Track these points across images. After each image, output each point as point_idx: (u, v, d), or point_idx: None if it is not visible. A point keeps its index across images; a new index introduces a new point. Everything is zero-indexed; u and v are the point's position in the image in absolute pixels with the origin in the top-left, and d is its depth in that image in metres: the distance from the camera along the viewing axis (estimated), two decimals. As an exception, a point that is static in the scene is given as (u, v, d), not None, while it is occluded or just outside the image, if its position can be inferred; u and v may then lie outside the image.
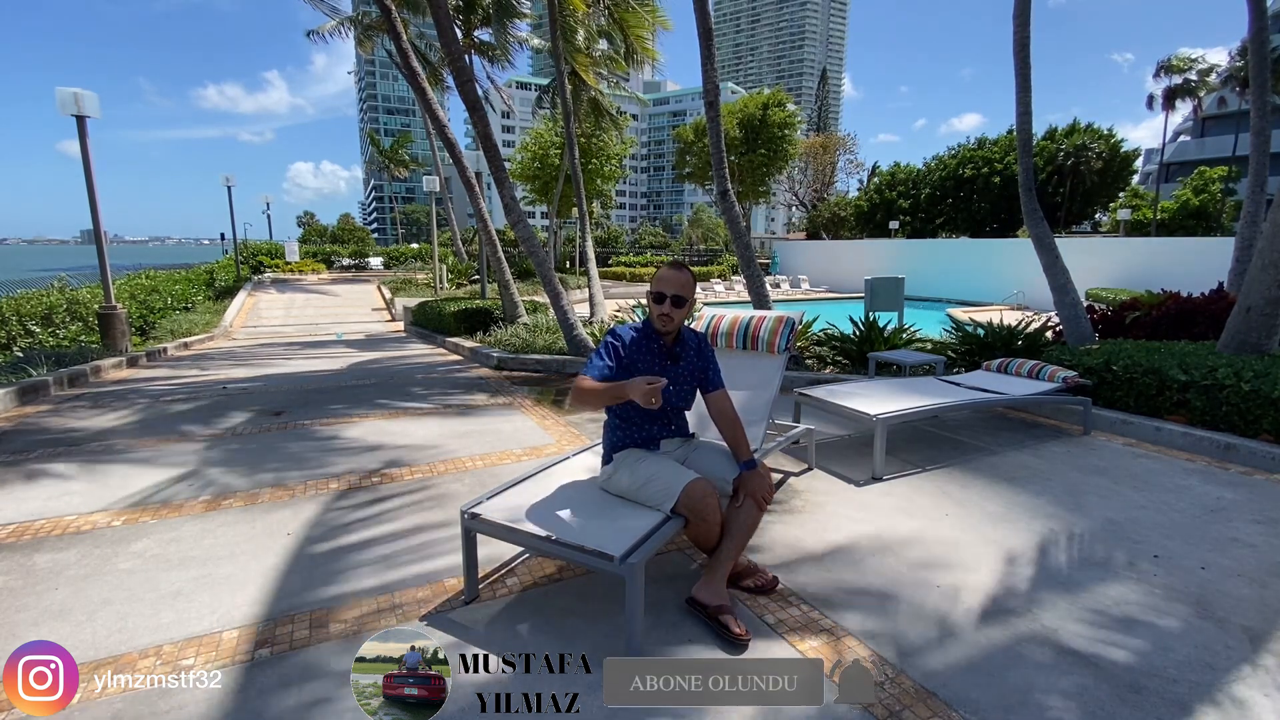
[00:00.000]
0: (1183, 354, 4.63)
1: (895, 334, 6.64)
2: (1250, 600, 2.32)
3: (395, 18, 9.26)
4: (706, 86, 6.83)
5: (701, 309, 4.04)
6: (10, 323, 8.07)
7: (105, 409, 5.35)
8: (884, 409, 3.70)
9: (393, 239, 63.37)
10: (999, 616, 2.21)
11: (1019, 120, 6.41)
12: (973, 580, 2.46)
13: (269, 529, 2.94)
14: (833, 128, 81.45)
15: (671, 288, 2.33)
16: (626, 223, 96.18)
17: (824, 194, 45.04)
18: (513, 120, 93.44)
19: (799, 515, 3.08)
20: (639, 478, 2.30)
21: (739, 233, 7.20)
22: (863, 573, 2.52)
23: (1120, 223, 31.93)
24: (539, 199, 29.49)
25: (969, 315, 13.64)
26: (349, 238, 50.17)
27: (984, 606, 2.28)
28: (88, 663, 1.97)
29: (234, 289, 18.69)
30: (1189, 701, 1.80)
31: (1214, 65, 33.18)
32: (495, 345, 8.07)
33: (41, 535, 2.90)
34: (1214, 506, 3.17)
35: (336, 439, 4.40)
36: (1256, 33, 6.71)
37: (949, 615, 2.22)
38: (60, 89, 7.20)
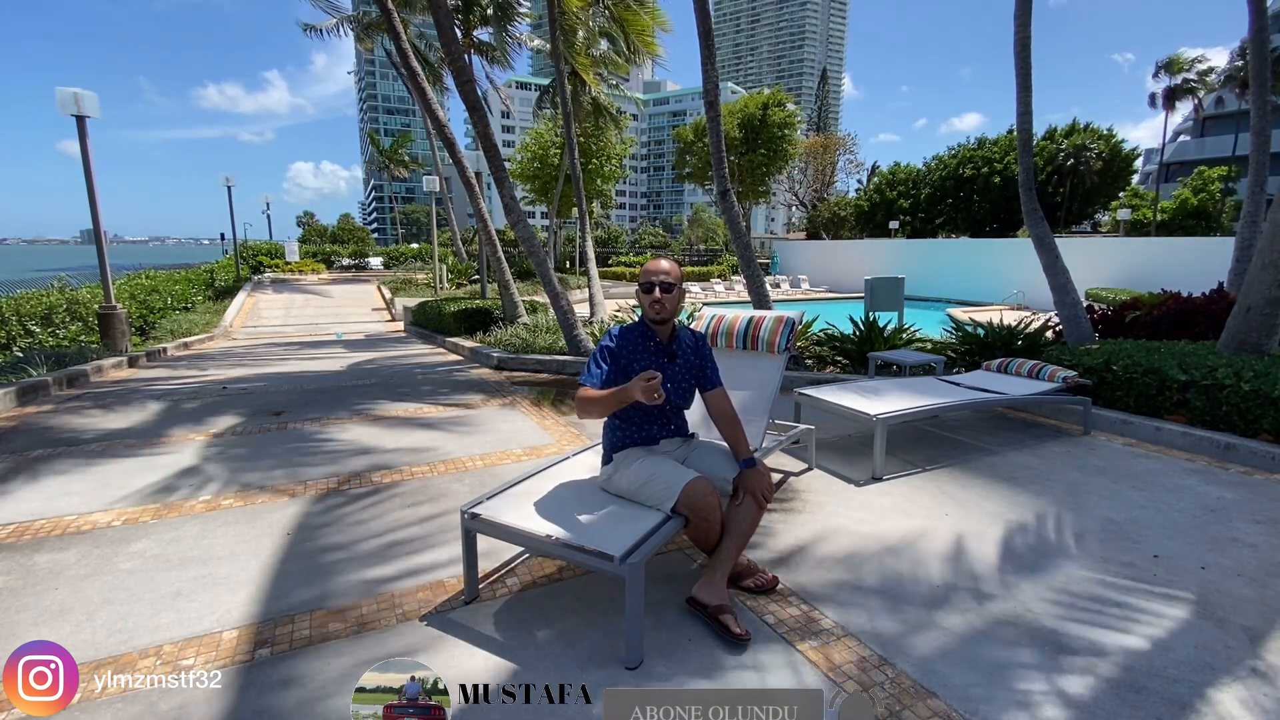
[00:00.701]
0: (1183, 354, 4.63)
1: (895, 334, 6.64)
2: (1250, 600, 2.32)
3: (395, 18, 9.26)
4: (706, 86, 6.83)
5: (701, 309, 4.04)
6: (10, 323, 8.06)
7: (105, 409, 5.35)
8: (884, 409, 3.70)
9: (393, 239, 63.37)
10: (999, 616, 2.21)
11: (1019, 120, 6.41)
12: (973, 580, 2.46)
13: (269, 529, 2.94)
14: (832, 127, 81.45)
15: (657, 275, 2.36)
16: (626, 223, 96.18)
17: (824, 194, 45.03)
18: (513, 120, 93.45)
19: (799, 515, 3.08)
20: (639, 477, 2.30)
21: (739, 233, 7.20)
22: (863, 572, 2.52)
23: (1120, 223, 31.93)
24: (539, 199, 29.49)
25: (969, 315, 13.64)
26: (349, 238, 50.17)
27: (984, 606, 2.28)
28: (88, 663, 1.97)
29: (234, 289, 18.70)
30: (1189, 701, 1.80)
31: (1214, 65, 33.20)
32: (495, 345, 8.07)
33: (41, 535, 2.90)
34: (1214, 506, 3.17)
35: (336, 439, 4.40)
36: (1256, 33, 6.71)
37: (949, 615, 2.22)
38: (60, 89, 7.20)
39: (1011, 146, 33.06)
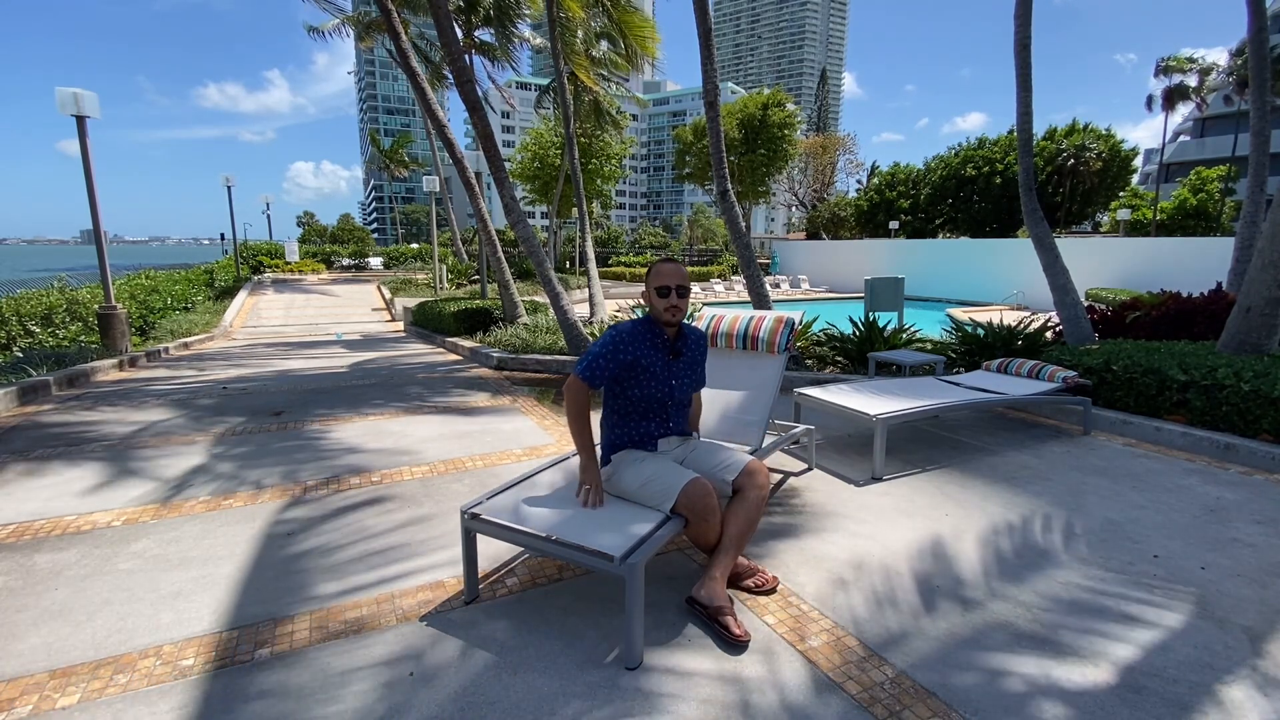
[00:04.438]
0: (1182, 354, 4.63)
1: (895, 334, 6.64)
2: (1250, 600, 2.32)
3: (395, 18, 9.26)
4: (706, 87, 6.83)
5: (701, 309, 4.04)
6: (10, 323, 8.07)
7: (105, 409, 5.35)
8: (884, 409, 3.70)
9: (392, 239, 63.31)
10: (999, 616, 2.22)
11: (1019, 120, 6.42)
12: (972, 580, 2.46)
13: (268, 528, 2.94)
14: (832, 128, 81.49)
15: (675, 280, 2.41)
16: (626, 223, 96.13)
17: (824, 194, 45.01)
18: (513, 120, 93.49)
19: (799, 515, 3.08)
20: (638, 478, 2.31)
21: (739, 233, 7.19)
22: (863, 573, 2.52)
23: (1120, 223, 31.92)
24: (539, 199, 29.48)
25: (969, 315, 13.65)
26: (349, 238, 50.16)
27: (984, 606, 2.28)
28: (88, 663, 1.98)
29: (234, 289, 18.69)
30: (1189, 701, 1.80)
31: (1214, 65, 33.18)
32: (495, 345, 8.07)
33: (41, 535, 2.90)
34: (1214, 506, 3.18)
35: (336, 439, 4.40)
36: (1256, 33, 6.71)
37: (949, 615, 2.22)
38: (60, 89, 7.20)
39: (1011, 146, 33.05)
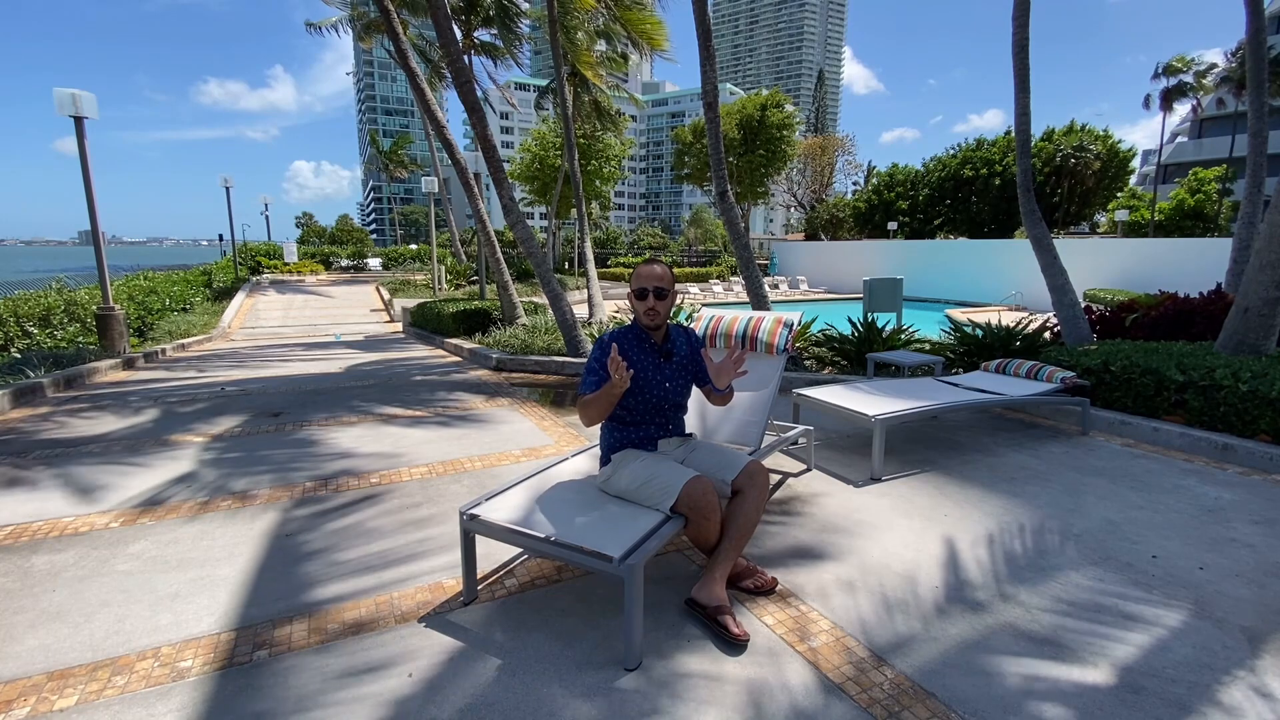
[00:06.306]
0: (1180, 354, 4.64)
1: (894, 335, 6.65)
2: (1248, 600, 2.32)
3: (394, 18, 9.26)
4: (705, 88, 6.84)
5: (700, 309, 4.04)
6: (8, 324, 8.06)
7: (103, 410, 5.34)
8: (882, 410, 3.70)
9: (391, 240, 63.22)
10: (998, 616, 2.22)
11: (1017, 121, 6.43)
12: (971, 581, 2.46)
13: (267, 530, 2.94)
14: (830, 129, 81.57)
15: (651, 281, 2.38)
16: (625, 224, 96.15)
17: (822, 195, 45.04)
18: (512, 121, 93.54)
19: (798, 516, 3.08)
20: (638, 478, 2.30)
21: (738, 234, 7.20)
22: (862, 573, 2.52)
23: (1118, 223, 31.97)
24: (538, 200, 29.47)
25: (967, 316, 13.65)
26: (347, 239, 50.03)
27: (982, 607, 2.28)
28: (86, 664, 1.97)
29: (232, 290, 18.68)
30: (1188, 701, 1.80)
31: (1211, 65, 33.24)
32: (494, 346, 8.07)
33: (39, 537, 2.89)
34: (1212, 507, 3.18)
35: (335, 440, 4.39)
36: (1254, 34, 6.72)
37: (948, 616, 2.22)
38: (58, 90, 7.19)
39: (1010, 147, 33.07)
